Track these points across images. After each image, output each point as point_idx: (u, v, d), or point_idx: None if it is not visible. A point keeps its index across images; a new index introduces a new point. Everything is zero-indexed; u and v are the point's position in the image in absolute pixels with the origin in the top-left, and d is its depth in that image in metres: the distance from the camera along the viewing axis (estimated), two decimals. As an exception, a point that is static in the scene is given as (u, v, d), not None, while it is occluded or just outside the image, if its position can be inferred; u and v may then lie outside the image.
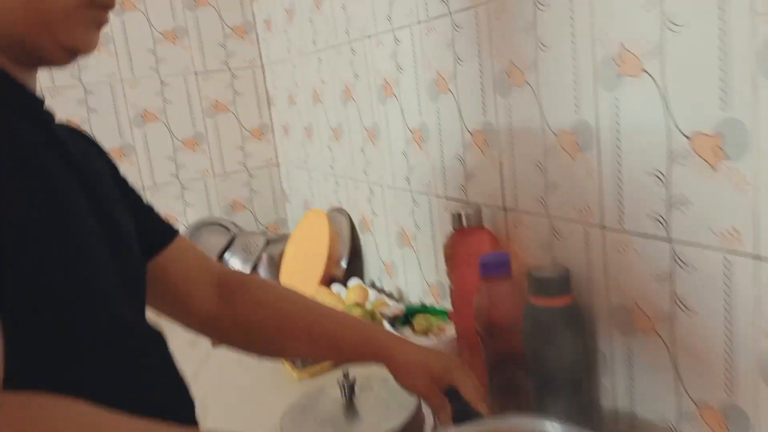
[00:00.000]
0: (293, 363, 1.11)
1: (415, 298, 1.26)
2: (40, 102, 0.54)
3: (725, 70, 0.58)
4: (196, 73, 1.80)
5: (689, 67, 0.61)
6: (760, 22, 0.54)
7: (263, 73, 1.86)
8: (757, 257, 0.59)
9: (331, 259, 1.44)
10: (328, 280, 1.44)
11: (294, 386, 1.07)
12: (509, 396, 0.83)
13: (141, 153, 1.76)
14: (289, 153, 1.82)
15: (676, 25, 0.61)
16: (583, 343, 0.78)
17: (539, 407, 0.79)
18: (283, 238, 1.68)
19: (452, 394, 0.76)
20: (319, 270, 1.44)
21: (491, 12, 0.87)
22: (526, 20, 0.80)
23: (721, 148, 0.60)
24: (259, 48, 1.85)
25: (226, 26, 1.81)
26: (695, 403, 0.68)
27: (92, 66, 1.66)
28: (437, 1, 0.98)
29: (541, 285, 0.78)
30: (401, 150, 1.18)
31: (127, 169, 1.64)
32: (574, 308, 0.78)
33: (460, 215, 0.92)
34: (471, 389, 0.76)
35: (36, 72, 0.54)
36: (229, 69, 1.83)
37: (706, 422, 0.67)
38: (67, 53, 0.52)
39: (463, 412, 0.74)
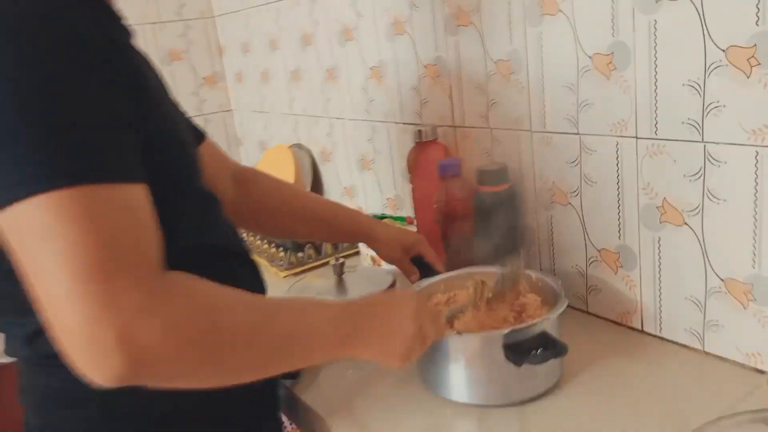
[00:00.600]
0: (278, 265, 1.33)
1: (375, 212, 1.49)
2: (118, 16, 0.68)
3: None
4: (153, 24, 1.92)
5: (590, 7, 0.87)
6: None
7: (215, 24, 2.00)
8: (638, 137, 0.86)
9: (297, 185, 1.65)
10: (293, 206, 1.65)
11: (281, 283, 1.29)
12: (462, 263, 1.09)
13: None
14: (242, 98, 1.99)
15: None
16: (517, 216, 1.05)
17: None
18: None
19: (418, 261, 1.03)
20: (285, 197, 1.64)
21: (441, -33, 1.09)
22: (470, -26, 1.04)
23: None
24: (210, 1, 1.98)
25: (179, -20, 1.94)
26: (597, 250, 0.97)
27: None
28: (394, -43, 1.19)
29: (486, 176, 1.04)
30: (361, 86, 1.40)
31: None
32: (511, 191, 1.04)
33: (420, 131, 1.16)
34: (432, 255, 1.02)
35: None
36: (182, 20, 1.96)
37: (605, 262, 0.96)
38: None
39: (427, 273, 1.01)
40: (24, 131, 0.49)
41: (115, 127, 0.54)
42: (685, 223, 0.83)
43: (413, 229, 1.26)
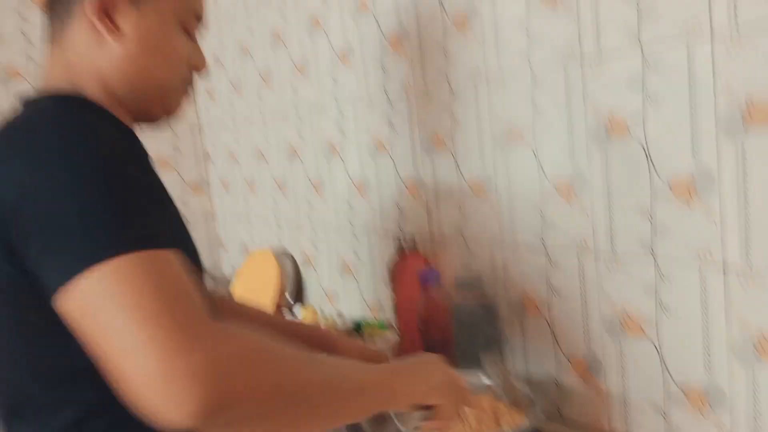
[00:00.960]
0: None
1: (355, 317, 1.55)
2: (140, 141, 0.78)
3: (571, 142, 0.96)
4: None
5: (551, 139, 0.99)
6: None
7: (200, 133, 2.12)
8: (595, 251, 0.95)
9: (280, 291, 1.71)
10: (277, 309, 1.70)
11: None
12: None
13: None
14: (226, 204, 2.07)
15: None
16: (491, 323, 1.12)
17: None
18: (223, 279, 1.92)
19: None
20: (269, 300, 1.70)
21: (419, 97, 1.22)
22: (444, 102, 1.17)
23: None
24: (197, 112, 2.11)
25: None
26: (567, 358, 1.03)
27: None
28: (379, 90, 1.32)
29: (463, 286, 1.11)
30: (344, 197, 1.50)
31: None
32: (485, 301, 1.12)
33: (400, 242, 1.24)
34: None
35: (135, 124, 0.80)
36: (170, 128, 2.08)
37: (575, 371, 1.02)
38: (166, 116, 0.80)
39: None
40: (88, 210, 0.56)
41: (159, 205, 0.63)
42: (643, 333, 0.91)
43: (394, 334, 1.32)
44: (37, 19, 1.89)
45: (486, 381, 1.00)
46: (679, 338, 0.87)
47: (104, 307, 0.54)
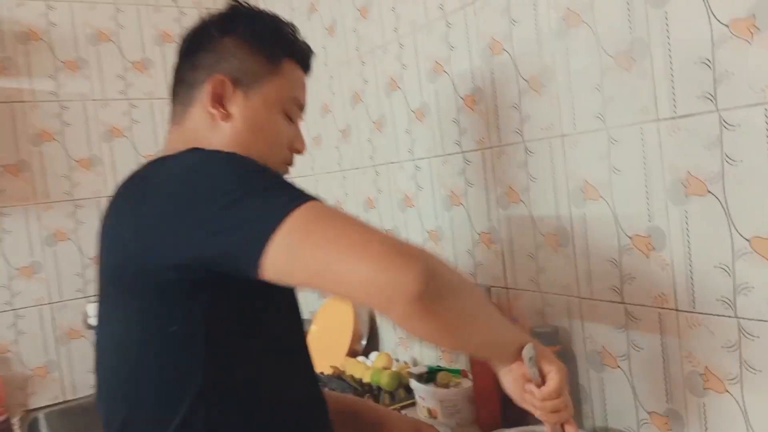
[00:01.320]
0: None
1: (430, 364, 1.58)
2: None
3: (648, 198, 0.98)
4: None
5: (627, 195, 1.01)
6: None
7: (283, 184, 2.23)
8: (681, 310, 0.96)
9: (354, 337, 1.76)
10: (351, 355, 1.75)
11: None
12: (520, 418, 1.15)
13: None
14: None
15: (618, 170, 1.01)
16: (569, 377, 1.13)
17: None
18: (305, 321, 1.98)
19: None
20: (345, 346, 1.75)
21: (494, 153, 1.27)
22: (520, 160, 1.21)
23: (649, 244, 0.98)
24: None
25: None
26: (647, 412, 1.03)
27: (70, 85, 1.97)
28: (452, 142, 1.38)
29: (539, 338, 1.13)
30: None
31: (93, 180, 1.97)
32: (562, 353, 1.13)
33: (476, 293, 1.27)
34: None
35: None
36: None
37: (655, 425, 1.02)
38: None
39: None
40: (258, 189, 0.66)
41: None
42: (727, 391, 0.90)
43: (469, 382, 1.34)
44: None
45: None
46: (761, 395, 0.86)
47: (309, 246, 0.61)
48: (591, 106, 1.06)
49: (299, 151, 0.92)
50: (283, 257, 0.62)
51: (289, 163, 0.92)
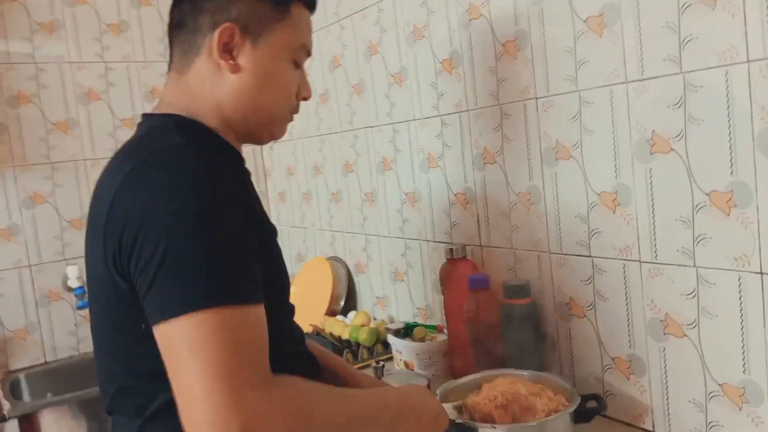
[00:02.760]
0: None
1: (405, 320, 1.62)
2: (244, 160, 0.89)
3: (616, 157, 1.02)
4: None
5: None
6: None
7: (261, 150, 2.23)
8: (643, 261, 1.01)
9: (333, 297, 1.80)
10: (330, 314, 1.79)
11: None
12: (490, 364, 1.20)
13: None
14: (283, 215, 2.18)
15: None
16: (539, 327, 1.18)
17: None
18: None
19: None
20: (323, 306, 1.79)
21: (471, 116, 1.30)
22: (495, 122, 1.24)
23: (616, 200, 1.03)
24: (259, 130, 2.22)
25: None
26: (612, 358, 1.09)
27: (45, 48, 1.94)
28: (430, 106, 1.41)
29: (512, 291, 1.18)
30: (396, 209, 1.58)
31: (71, 143, 1.96)
32: (533, 305, 1.18)
33: (451, 250, 1.32)
34: None
35: (241, 144, 0.89)
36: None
37: (618, 369, 1.08)
38: (271, 140, 0.90)
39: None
40: (185, 263, 0.65)
41: (251, 258, 0.70)
42: (685, 335, 0.96)
43: (443, 336, 1.39)
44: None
45: (531, 376, 1.06)
46: (718, 340, 0.92)
47: (181, 353, 0.63)
48: (564, 69, 1.09)
49: (306, 98, 0.90)
50: (165, 339, 0.65)
51: (296, 111, 0.90)
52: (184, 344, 0.63)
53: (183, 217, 0.66)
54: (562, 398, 0.98)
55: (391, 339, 1.45)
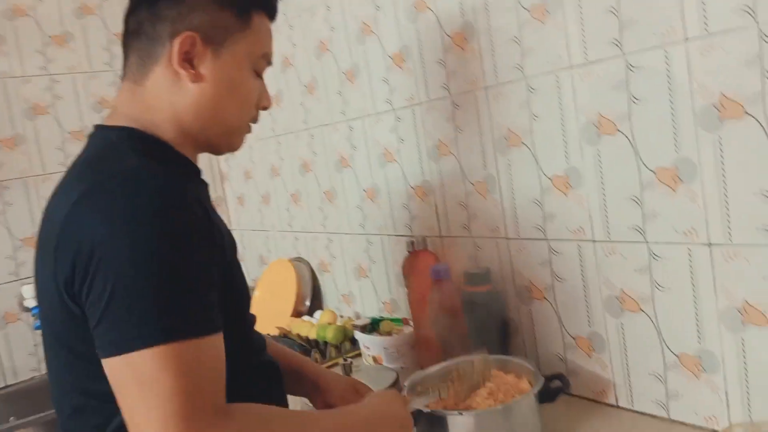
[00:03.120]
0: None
1: (371, 316, 1.62)
2: (200, 171, 0.86)
3: (566, 141, 1.04)
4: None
5: (547, 139, 1.07)
6: None
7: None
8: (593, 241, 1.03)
9: (298, 298, 1.78)
10: (296, 315, 1.77)
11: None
12: (455, 353, 1.21)
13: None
14: (243, 219, 2.15)
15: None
16: (501, 312, 1.20)
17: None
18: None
19: None
20: (289, 308, 1.77)
21: (423, 109, 1.31)
22: (447, 114, 1.25)
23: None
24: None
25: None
26: (572, 337, 1.11)
27: None
28: (383, 101, 1.41)
29: (472, 279, 1.19)
30: (356, 205, 1.58)
31: (19, 159, 1.90)
32: (494, 291, 1.19)
33: (412, 242, 1.32)
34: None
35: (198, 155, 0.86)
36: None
37: (580, 348, 1.10)
38: (229, 151, 0.88)
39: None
40: (138, 297, 0.63)
41: (207, 289, 0.68)
42: (641, 309, 0.99)
43: (409, 328, 1.39)
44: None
45: (495, 360, 1.07)
46: (673, 312, 0.95)
47: (133, 389, 0.62)
48: (511, 58, 1.10)
49: (266, 108, 0.88)
50: (115, 374, 0.64)
51: (255, 121, 0.88)
52: (135, 380, 0.62)
53: (137, 250, 0.64)
54: (527, 380, 1.00)
55: (358, 335, 1.44)
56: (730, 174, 0.85)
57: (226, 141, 0.86)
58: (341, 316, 1.71)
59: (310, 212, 1.79)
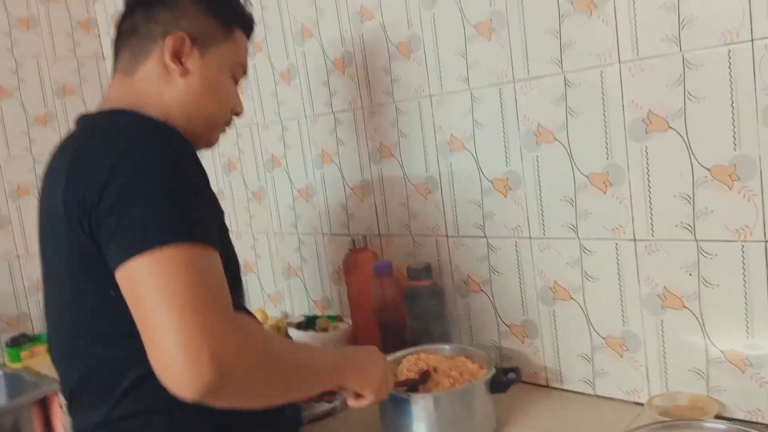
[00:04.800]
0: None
1: (301, 314, 1.61)
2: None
3: (507, 147, 1.12)
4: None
5: (489, 145, 1.15)
6: None
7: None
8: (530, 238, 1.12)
9: (221, 297, 1.73)
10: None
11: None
12: (398, 345, 1.25)
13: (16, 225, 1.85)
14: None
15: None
16: (441, 305, 1.25)
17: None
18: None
19: None
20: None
21: (366, 113, 1.34)
22: (392, 118, 1.29)
23: (508, 185, 1.13)
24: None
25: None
26: (507, 326, 1.19)
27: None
28: (322, 102, 1.42)
29: (415, 273, 1.24)
30: (288, 205, 1.57)
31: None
32: (435, 285, 1.25)
33: (353, 240, 1.34)
34: None
35: None
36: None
37: (514, 335, 1.18)
38: (206, 147, 0.92)
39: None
40: (150, 203, 0.67)
41: (210, 209, 0.75)
42: (572, 298, 1.09)
43: (346, 324, 1.41)
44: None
45: (444, 349, 1.13)
46: (601, 299, 1.06)
47: (149, 287, 0.64)
48: (456, 69, 1.17)
49: (238, 114, 0.96)
50: (129, 277, 0.65)
51: (229, 124, 0.95)
52: (151, 278, 0.63)
53: (147, 166, 0.68)
54: (478, 366, 1.06)
55: (294, 332, 1.44)
56: (654, 179, 0.97)
57: (206, 135, 0.92)
58: (271, 316, 1.69)
59: (235, 212, 1.74)
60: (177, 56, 0.85)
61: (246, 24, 0.95)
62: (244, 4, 0.95)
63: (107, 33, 2.05)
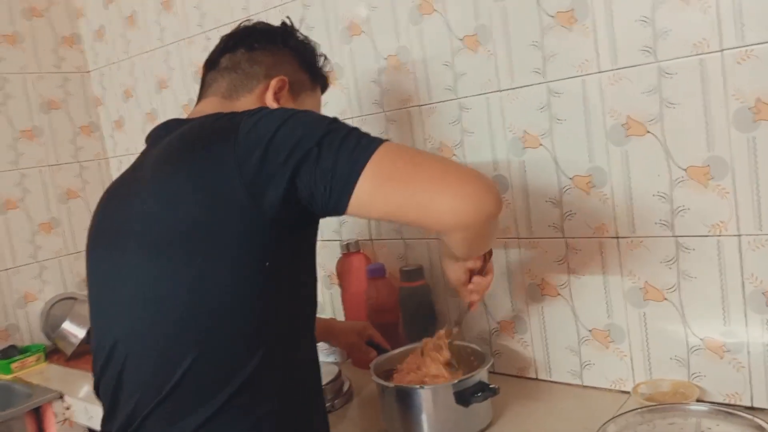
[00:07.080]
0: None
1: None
2: None
3: (495, 152, 1.15)
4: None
5: (477, 151, 1.18)
6: (508, 131, 1.12)
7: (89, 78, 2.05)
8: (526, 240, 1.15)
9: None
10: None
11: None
12: (394, 345, 1.26)
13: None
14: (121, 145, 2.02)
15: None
16: (432, 304, 1.27)
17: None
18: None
19: (370, 343, 1.20)
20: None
21: (355, 123, 1.36)
22: (382, 127, 1.31)
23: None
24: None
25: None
26: (497, 322, 1.21)
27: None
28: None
29: (408, 275, 1.26)
30: (279, 213, 1.57)
31: None
32: (426, 286, 1.27)
33: (347, 245, 1.36)
34: (379, 336, 1.21)
35: None
36: (61, 72, 1.99)
37: (503, 331, 1.21)
38: None
39: (379, 351, 1.18)
40: (349, 134, 0.72)
41: None
42: (559, 294, 1.12)
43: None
44: None
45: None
46: (586, 294, 1.09)
47: (395, 179, 0.68)
48: (444, 80, 1.20)
49: None
50: (366, 193, 0.68)
51: None
52: (393, 170, 0.68)
53: (314, 115, 0.76)
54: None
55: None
56: (634, 179, 1.01)
57: None
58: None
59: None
60: (276, 98, 0.94)
61: (324, 83, 1.06)
62: (323, 65, 1.04)
63: (91, 48, 2.03)
